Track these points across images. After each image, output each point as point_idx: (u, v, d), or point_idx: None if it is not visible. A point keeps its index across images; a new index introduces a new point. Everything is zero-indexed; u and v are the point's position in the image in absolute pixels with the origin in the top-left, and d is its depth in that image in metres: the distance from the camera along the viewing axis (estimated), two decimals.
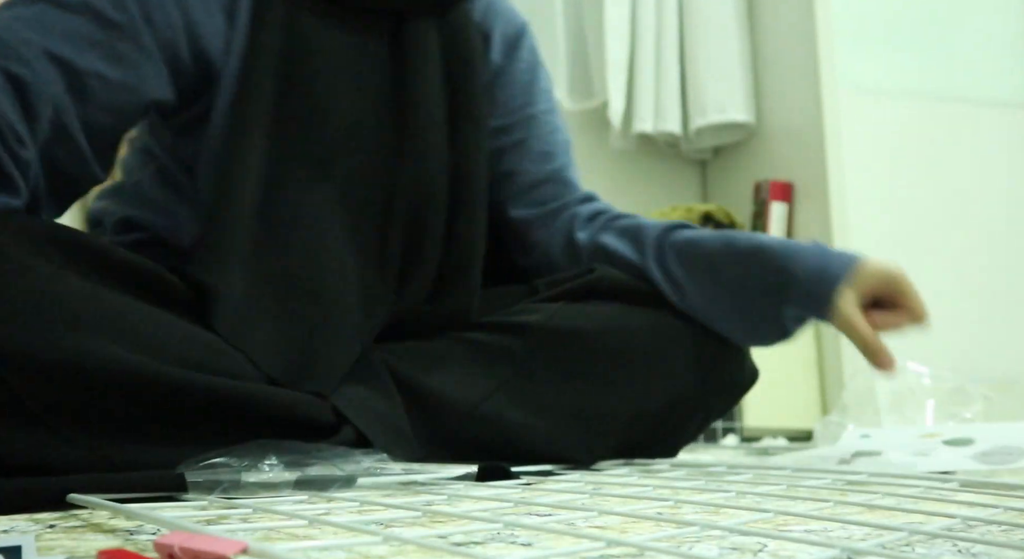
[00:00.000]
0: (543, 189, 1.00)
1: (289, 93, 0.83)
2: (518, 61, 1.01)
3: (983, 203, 2.24)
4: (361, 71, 0.88)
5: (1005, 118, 2.31)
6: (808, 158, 2.14)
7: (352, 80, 0.87)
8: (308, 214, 0.83)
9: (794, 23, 2.22)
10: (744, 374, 0.95)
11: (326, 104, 0.85)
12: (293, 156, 0.83)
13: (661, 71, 2.31)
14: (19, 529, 0.50)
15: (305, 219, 0.83)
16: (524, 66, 1.01)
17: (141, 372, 0.66)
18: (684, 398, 0.90)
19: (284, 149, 0.82)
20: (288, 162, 0.83)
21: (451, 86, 0.92)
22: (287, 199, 0.83)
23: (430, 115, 0.89)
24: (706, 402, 0.93)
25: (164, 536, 0.35)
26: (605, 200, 1.07)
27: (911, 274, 0.89)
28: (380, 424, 0.78)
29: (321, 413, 0.75)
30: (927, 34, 2.30)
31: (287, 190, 0.83)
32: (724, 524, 0.43)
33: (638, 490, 0.63)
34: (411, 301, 0.88)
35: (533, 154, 1.00)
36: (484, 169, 0.95)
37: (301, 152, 0.84)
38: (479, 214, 0.94)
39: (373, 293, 0.86)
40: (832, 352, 1.98)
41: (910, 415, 1.14)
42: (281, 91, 0.83)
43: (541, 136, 1.01)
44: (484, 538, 0.45)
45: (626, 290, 0.91)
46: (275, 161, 0.82)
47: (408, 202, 0.88)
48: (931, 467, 0.83)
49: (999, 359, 2.13)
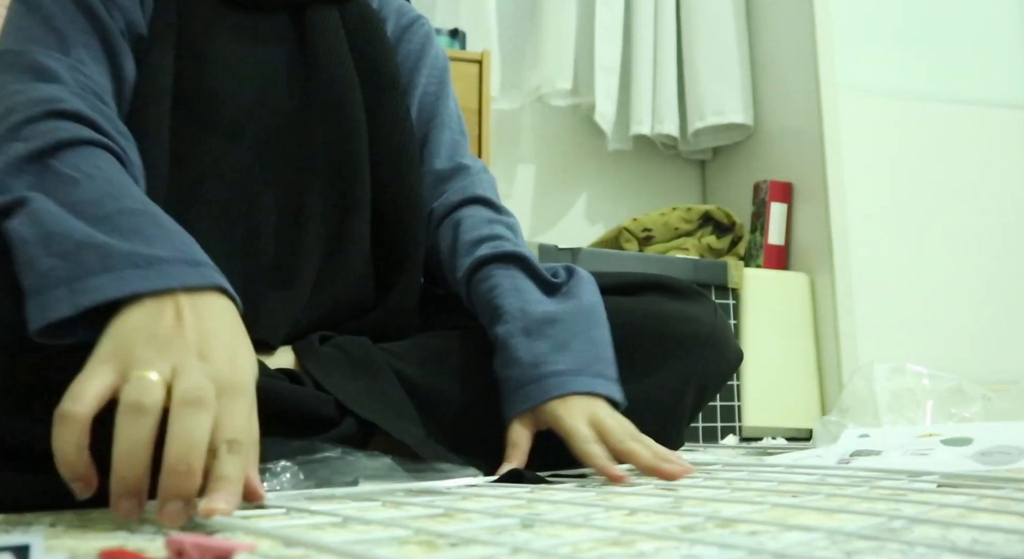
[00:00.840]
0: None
1: (188, 70, 0.88)
2: (407, 42, 1.05)
3: (982, 203, 2.24)
4: (265, 46, 0.94)
5: (1004, 119, 2.32)
6: (807, 158, 2.14)
7: (254, 55, 0.93)
8: (222, 177, 0.88)
9: (793, 24, 2.22)
10: (730, 352, 0.96)
11: (229, 77, 0.90)
12: (201, 126, 0.88)
13: (659, 73, 2.31)
14: (22, 528, 0.50)
15: (219, 181, 0.88)
16: (413, 47, 1.05)
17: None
18: (678, 379, 0.90)
19: (190, 120, 0.88)
20: (197, 132, 0.88)
21: (360, 60, 0.97)
22: (199, 166, 0.88)
23: (339, 77, 0.94)
24: (697, 380, 0.92)
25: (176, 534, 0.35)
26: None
27: (911, 274, 0.89)
28: (386, 411, 0.79)
29: (323, 407, 0.76)
30: (926, 35, 2.31)
31: (199, 158, 0.88)
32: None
33: (641, 489, 0.63)
34: (352, 257, 0.92)
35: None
36: (407, 135, 0.98)
37: (209, 122, 0.89)
38: (409, 177, 0.97)
39: (300, 247, 0.90)
40: (831, 352, 1.99)
41: (909, 415, 1.14)
42: (180, 70, 0.88)
43: (416, 105, 1.03)
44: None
45: (611, 283, 0.93)
46: (183, 132, 0.87)
47: (328, 160, 0.92)
48: (930, 467, 0.83)
49: (999, 359, 2.13)
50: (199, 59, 0.90)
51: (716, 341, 0.93)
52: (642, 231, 2.12)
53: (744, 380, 1.94)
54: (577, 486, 0.70)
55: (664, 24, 2.32)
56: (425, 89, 1.04)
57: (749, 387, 1.93)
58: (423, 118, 1.03)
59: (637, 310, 0.91)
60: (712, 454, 1.28)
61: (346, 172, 0.93)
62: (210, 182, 0.88)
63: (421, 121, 1.02)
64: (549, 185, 2.39)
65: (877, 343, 2.02)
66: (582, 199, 2.40)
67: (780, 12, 2.28)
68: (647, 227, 2.12)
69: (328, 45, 0.95)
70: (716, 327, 0.94)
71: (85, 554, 0.42)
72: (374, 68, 0.98)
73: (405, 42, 1.05)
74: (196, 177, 0.87)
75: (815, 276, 2.07)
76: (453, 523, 0.49)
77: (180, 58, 0.88)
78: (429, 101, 1.03)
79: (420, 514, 0.52)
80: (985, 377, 1.97)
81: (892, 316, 2.08)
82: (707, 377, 0.93)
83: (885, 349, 2.01)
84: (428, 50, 1.06)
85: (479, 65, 1.88)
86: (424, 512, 0.52)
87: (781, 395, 1.95)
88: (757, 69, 2.34)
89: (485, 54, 1.88)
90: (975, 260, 2.20)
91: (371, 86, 0.97)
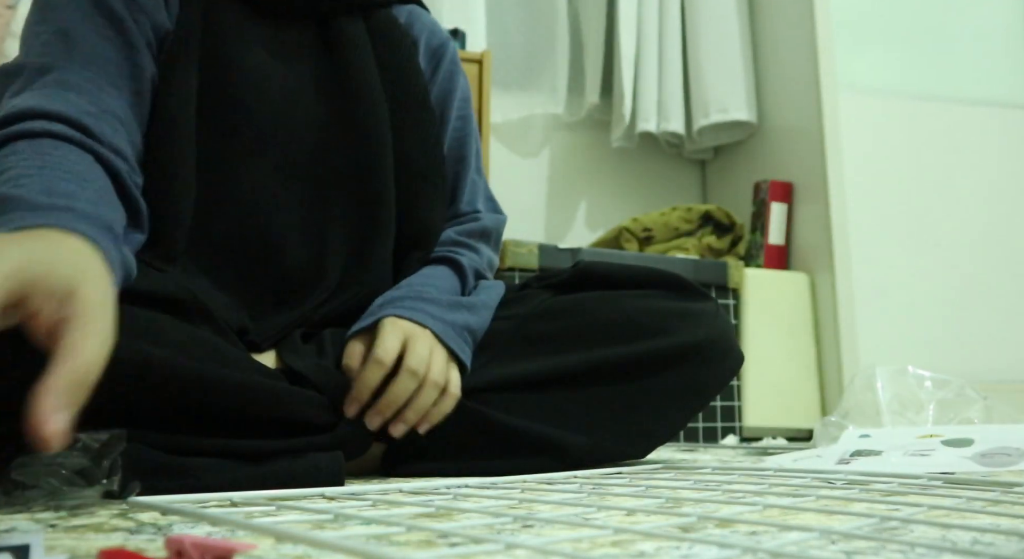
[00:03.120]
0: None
1: (213, 81, 0.87)
2: (440, 70, 1.04)
3: (984, 203, 2.24)
4: (290, 57, 0.92)
5: (1004, 119, 2.32)
6: (808, 158, 2.14)
7: (280, 67, 0.91)
8: (242, 192, 0.88)
9: (794, 23, 2.22)
10: (733, 354, 0.95)
11: (254, 90, 0.89)
12: (225, 139, 0.88)
13: (664, 71, 2.31)
14: (21, 528, 0.50)
15: (239, 196, 0.88)
16: (441, 78, 1.04)
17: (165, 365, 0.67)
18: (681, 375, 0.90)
19: (215, 132, 0.87)
20: (220, 145, 0.87)
21: (386, 75, 0.96)
22: (226, 172, 0.87)
23: (367, 94, 0.93)
24: (700, 378, 0.92)
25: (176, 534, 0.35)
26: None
27: (911, 273, 0.89)
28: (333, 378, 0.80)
29: (321, 414, 0.76)
30: (927, 35, 2.30)
31: (221, 172, 0.87)
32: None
33: (635, 490, 0.63)
34: (372, 279, 0.91)
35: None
36: (434, 162, 0.97)
37: (233, 135, 0.88)
38: (431, 205, 0.96)
39: (319, 268, 0.90)
40: (832, 352, 1.98)
41: (911, 417, 1.14)
42: (205, 80, 0.87)
43: (446, 142, 1.03)
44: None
45: (612, 277, 0.93)
46: (207, 143, 0.86)
47: (352, 180, 0.92)
48: (930, 468, 0.83)
49: (999, 359, 2.13)
50: (224, 68, 0.88)
51: (716, 344, 0.92)
52: (642, 231, 2.12)
53: (744, 380, 1.94)
54: (573, 487, 0.70)
55: (669, 22, 2.32)
56: (454, 126, 1.04)
57: (749, 387, 1.93)
58: (451, 157, 1.03)
59: (639, 306, 0.91)
60: (712, 454, 1.28)
61: (371, 194, 0.92)
62: (229, 196, 0.87)
63: (449, 160, 1.02)
64: (549, 185, 2.39)
65: (877, 343, 2.02)
66: (582, 199, 2.40)
67: (782, 10, 2.28)
68: (647, 227, 2.12)
69: (356, 60, 0.94)
70: (718, 329, 0.93)
71: (85, 554, 0.42)
72: (401, 85, 0.97)
73: (436, 68, 1.04)
74: (217, 190, 0.86)
75: (815, 276, 2.07)
76: (450, 522, 0.49)
77: (205, 68, 0.87)
78: (456, 138, 1.03)
79: (417, 512, 0.52)
80: (985, 377, 1.97)
81: (892, 315, 2.08)
82: (706, 380, 0.93)
83: (885, 349, 2.01)
84: (457, 80, 1.05)
85: (479, 65, 1.88)
86: (420, 511, 0.52)
87: (781, 395, 1.95)
88: (759, 68, 2.34)
89: (485, 54, 1.88)
90: (976, 259, 2.20)
91: (398, 104, 0.96)
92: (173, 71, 0.85)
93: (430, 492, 0.64)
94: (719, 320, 0.94)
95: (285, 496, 0.61)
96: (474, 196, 1.04)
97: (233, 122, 0.88)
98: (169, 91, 0.84)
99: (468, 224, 1.01)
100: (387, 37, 0.98)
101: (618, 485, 0.69)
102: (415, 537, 0.45)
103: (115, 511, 0.57)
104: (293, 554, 0.41)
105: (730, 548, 0.38)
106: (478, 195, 1.04)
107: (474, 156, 1.04)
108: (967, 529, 0.46)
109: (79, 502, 0.58)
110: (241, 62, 0.89)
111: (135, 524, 0.51)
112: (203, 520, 0.50)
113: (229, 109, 0.88)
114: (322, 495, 0.62)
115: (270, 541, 0.44)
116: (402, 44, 0.99)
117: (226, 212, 0.87)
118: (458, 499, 0.59)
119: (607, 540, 0.43)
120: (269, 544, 0.44)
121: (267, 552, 0.42)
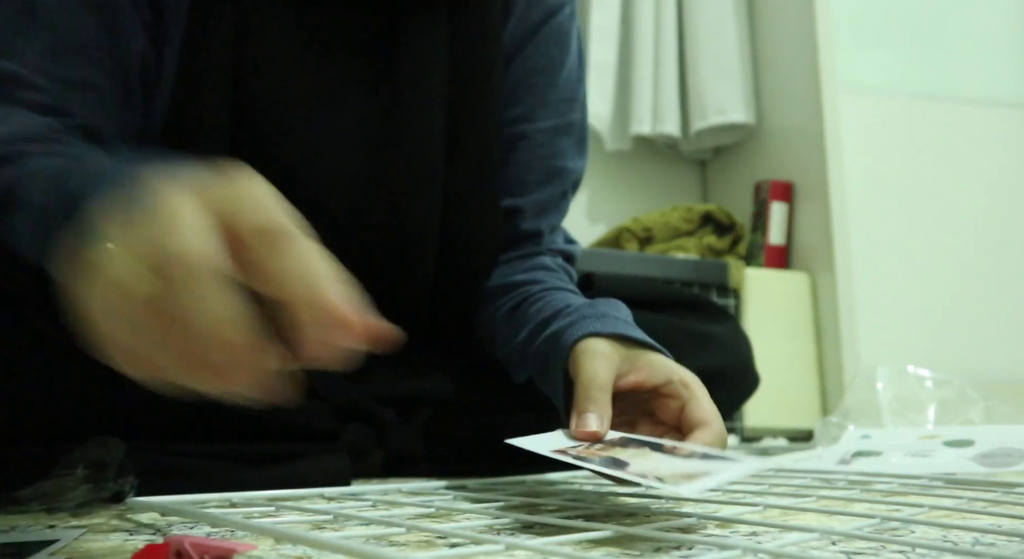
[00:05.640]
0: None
1: (240, 125, 0.71)
2: (530, 54, 0.81)
3: (983, 204, 2.24)
4: (334, 82, 0.74)
5: (1005, 118, 2.31)
6: (808, 158, 2.13)
7: (323, 99, 0.74)
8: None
9: (794, 23, 2.22)
10: (749, 378, 0.94)
11: (284, 133, 0.73)
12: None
13: (659, 72, 2.30)
14: (20, 528, 0.50)
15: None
16: (534, 64, 0.82)
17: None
18: None
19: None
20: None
21: (457, 104, 0.77)
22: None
23: (418, 149, 0.75)
24: (715, 402, 0.92)
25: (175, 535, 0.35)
26: (589, 200, 1.04)
27: (912, 273, 0.89)
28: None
29: (325, 424, 0.77)
30: (927, 34, 2.30)
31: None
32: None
33: (636, 491, 0.63)
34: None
35: (508, 180, 0.83)
36: (485, 236, 0.79)
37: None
38: (474, 275, 0.81)
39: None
40: (833, 352, 1.98)
41: (912, 418, 1.13)
42: (237, 117, 0.71)
43: (522, 162, 0.84)
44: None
45: (630, 297, 0.91)
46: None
47: (381, 257, 0.77)
48: (931, 468, 0.83)
49: (1000, 358, 2.13)
50: (258, 112, 0.71)
51: (736, 368, 0.91)
52: (642, 231, 2.12)
53: None
54: (573, 488, 0.69)
55: (665, 23, 2.32)
56: (544, 130, 0.86)
57: None
58: (541, 170, 0.87)
59: (659, 326, 0.89)
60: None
61: (401, 290, 0.78)
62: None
63: (539, 176, 0.87)
64: None
65: (878, 343, 2.01)
66: (583, 199, 2.40)
67: (781, 11, 2.27)
68: (647, 227, 2.12)
69: (418, 96, 0.74)
70: (737, 355, 0.91)
71: (85, 554, 0.42)
72: (473, 125, 0.77)
73: (528, 53, 0.82)
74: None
75: (816, 276, 2.06)
76: (450, 522, 0.49)
77: (238, 102, 0.70)
78: (546, 144, 0.87)
79: (417, 513, 0.52)
80: (987, 376, 1.97)
81: (893, 315, 2.08)
82: (720, 403, 0.92)
83: (886, 348, 2.01)
84: (557, 71, 0.82)
85: None
86: (420, 511, 0.52)
87: (782, 395, 1.95)
88: (759, 68, 2.34)
89: None
90: (977, 259, 2.20)
91: (460, 149, 0.77)
92: (196, 95, 0.69)
93: (430, 492, 0.64)
94: (738, 342, 0.92)
95: (285, 496, 0.60)
96: (556, 229, 0.86)
97: (262, 165, 0.79)
98: (194, 115, 0.69)
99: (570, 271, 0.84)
100: (474, 53, 0.77)
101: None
102: (415, 538, 0.45)
103: (114, 511, 0.57)
104: (293, 555, 0.41)
105: (731, 549, 0.38)
106: (548, 214, 0.86)
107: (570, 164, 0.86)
108: (968, 530, 0.46)
109: (79, 502, 0.58)
110: (275, 98, 0.72)
111: (134, 524, 0.51)
112: (203, 520, 0.49)
113: (255, 159, 0.77)
114: (322, 496, 0.62)
115: (270, 542, 0.44)
116: (489, 56, 0.78)
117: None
118: (458, 500, 0.59)
119: (607, 541, 0.43)
120: (269, 544, 0.44)
121: (267, 552, 0.42)
